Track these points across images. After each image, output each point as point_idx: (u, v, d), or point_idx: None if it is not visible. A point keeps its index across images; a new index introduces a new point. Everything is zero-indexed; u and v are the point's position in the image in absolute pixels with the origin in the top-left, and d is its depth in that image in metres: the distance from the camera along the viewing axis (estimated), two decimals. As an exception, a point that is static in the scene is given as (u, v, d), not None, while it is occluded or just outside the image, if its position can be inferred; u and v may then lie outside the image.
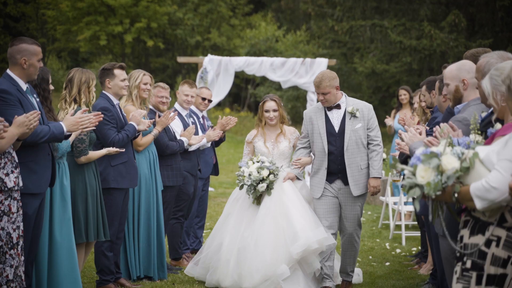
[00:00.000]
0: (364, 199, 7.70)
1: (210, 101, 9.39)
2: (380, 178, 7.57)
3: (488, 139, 4.05)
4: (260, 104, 8.07)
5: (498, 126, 4.20)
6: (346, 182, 7.55)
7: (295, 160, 7.79)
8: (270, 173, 7.61)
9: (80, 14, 31.47)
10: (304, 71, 16.36)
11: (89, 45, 32.23)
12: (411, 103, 11.39)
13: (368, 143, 7.60)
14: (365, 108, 7.60)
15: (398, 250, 9.79)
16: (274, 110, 7.93)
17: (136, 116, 7.42)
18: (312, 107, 7.82)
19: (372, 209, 13.33)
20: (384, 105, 28.62)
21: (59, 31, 32.64)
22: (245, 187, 7.69)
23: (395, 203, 10.99)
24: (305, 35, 31.76)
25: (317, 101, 7.78)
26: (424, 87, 8.09)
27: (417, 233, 10.22)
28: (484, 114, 4.85)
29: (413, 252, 9.67)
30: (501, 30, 24.07)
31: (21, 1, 33.71)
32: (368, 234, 10.94)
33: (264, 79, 24.79)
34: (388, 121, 12.02)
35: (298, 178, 7.84)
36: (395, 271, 8.55)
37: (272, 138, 7.98)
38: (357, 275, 7.97)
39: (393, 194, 12.04)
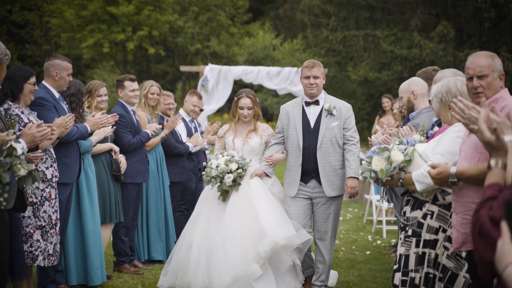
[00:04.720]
0: (341, 201, 7.44)
1: (201, 110, 10.56)
2: (357, 178, 7.14)
3: (429, 139, 5.20)
4: (235, 99, 7.72)
5: (436, 129, 5.39)
6: (321, 182, 7.31)
7: (267, 157, 7.49)
8: (238, 167, 7.32)
9: (83, 22, 32.21)
10: (298, 79, 17.41)
11: (92, 52, 33.09)
12: (393, 110, 12.47)
13: (344, 143, 7.32)
14: (343, 107, 7.34)
15: (379, 242, 10.86)
16: (249, 108, 7.60)
17: (152, 128, 8.58)
18: (290, 102, 7.59)
19: (358, 207, 14.44)
20: (377, 111, 29.58)
21: (63, 38, 33.43)
22: (212, 181, 7.38)
23: (378, 200, 11.85)
24: (301, 43, 32.79)
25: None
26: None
27: (397, 227, 11.20)
28: (435, 119, 6.00)
29: (392, 243, 10.67)
30: (488, 40, 25.00)
31: (25, 9, 34.65)
32: (353, 228, 12.01)
33: (262, 86, 25.84)
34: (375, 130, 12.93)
35: (267, 175, 7.55)
36: (374, 258, 9.62)
37: (243, 134, 7.66)
38: (331, 279, 7.68)
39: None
